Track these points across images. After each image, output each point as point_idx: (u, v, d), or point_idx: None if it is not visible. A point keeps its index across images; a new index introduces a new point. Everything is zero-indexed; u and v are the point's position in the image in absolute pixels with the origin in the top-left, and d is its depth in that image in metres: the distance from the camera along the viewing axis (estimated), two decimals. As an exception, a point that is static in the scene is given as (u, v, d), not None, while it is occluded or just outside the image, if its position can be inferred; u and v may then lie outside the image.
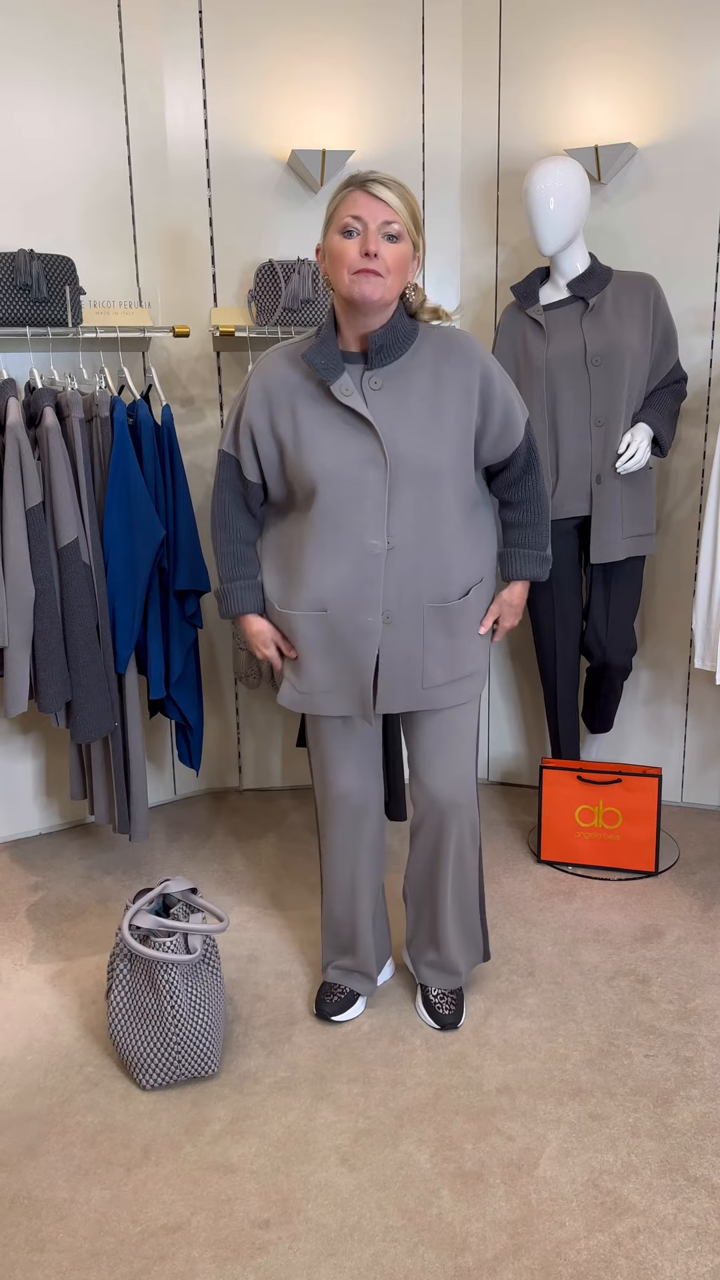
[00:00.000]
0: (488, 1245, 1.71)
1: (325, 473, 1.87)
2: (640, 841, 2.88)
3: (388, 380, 1.87)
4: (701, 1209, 1.77)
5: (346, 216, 1.76)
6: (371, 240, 1.75)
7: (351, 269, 1.77)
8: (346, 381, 1.86)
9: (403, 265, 1.80)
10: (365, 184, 1.75)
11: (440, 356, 1.89)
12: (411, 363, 1.89)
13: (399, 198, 1.76)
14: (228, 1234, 1.74)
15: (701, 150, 2.87)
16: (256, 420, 1.92)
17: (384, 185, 1.75)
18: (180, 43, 2.91)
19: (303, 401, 1.88)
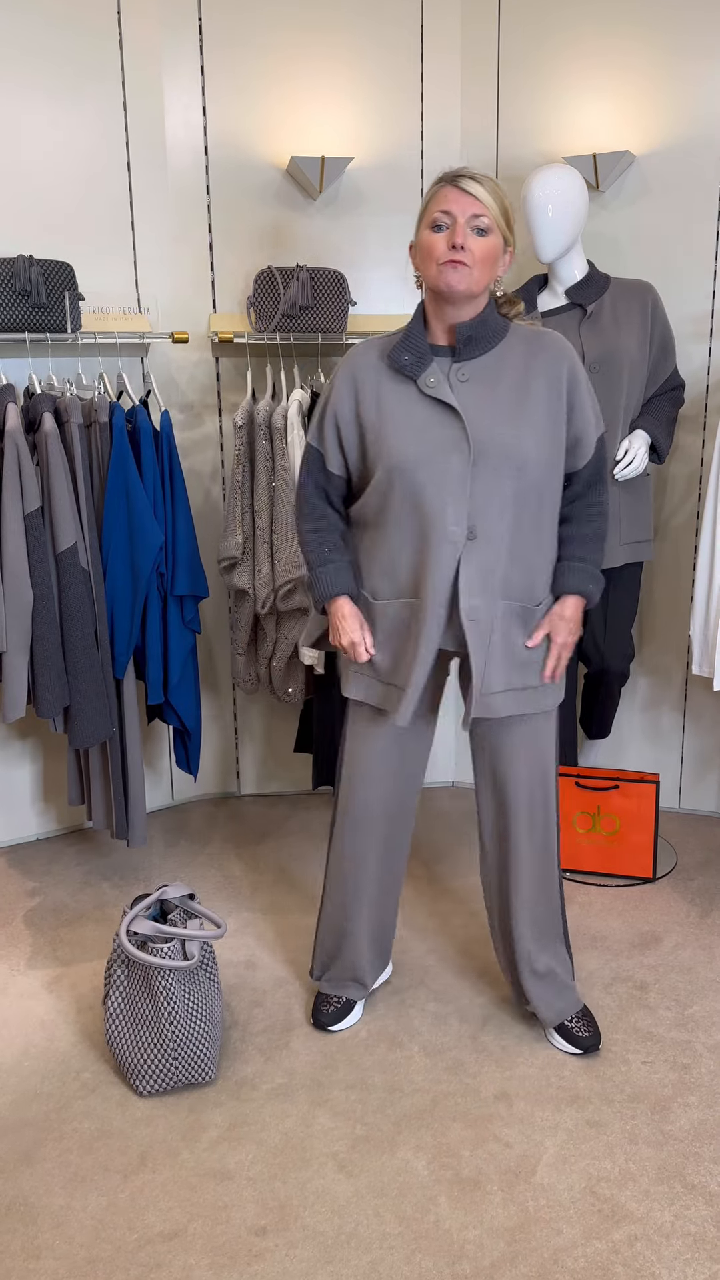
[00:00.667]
0: (485, 1252, 1.71)
1: (406, 458, 1.86)
2: (638, 847, 2.88)
3: (475, 373, 1.87)
4: (699, 1216, 1.77)
5: (436, 211, 1.79)
6: (459, 233, 1.77)
7: (439, 260, 1.79)
8: (434, 373, 1.87)
9: (491, 258, 1.81)
10: (456, 179, 1.78)
11: (531, 352, 1.89)
12: (500, 356, 1.88)
13: (489, 192, 1.78)
14: (224, 1241, 1.74)
15: (699, 158, 2.88)
16: (342, 409, 1.94)
17: (474, 180, 1.78)
18: (180, 49, 2.92)
19: (388, 388, 1.90)
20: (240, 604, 2.97)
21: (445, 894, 2.85)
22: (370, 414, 1.91)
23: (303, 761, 3.52)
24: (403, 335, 1.90)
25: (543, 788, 2.10)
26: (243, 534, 2.89)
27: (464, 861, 3.04)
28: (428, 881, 2.92)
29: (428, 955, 2.55)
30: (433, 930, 2.67)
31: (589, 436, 1.95)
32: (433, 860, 3.05)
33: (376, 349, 1.94)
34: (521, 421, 1.85)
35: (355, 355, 1.95)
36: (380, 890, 2.22)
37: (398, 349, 1.88)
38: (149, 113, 2.93)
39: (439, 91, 3.09)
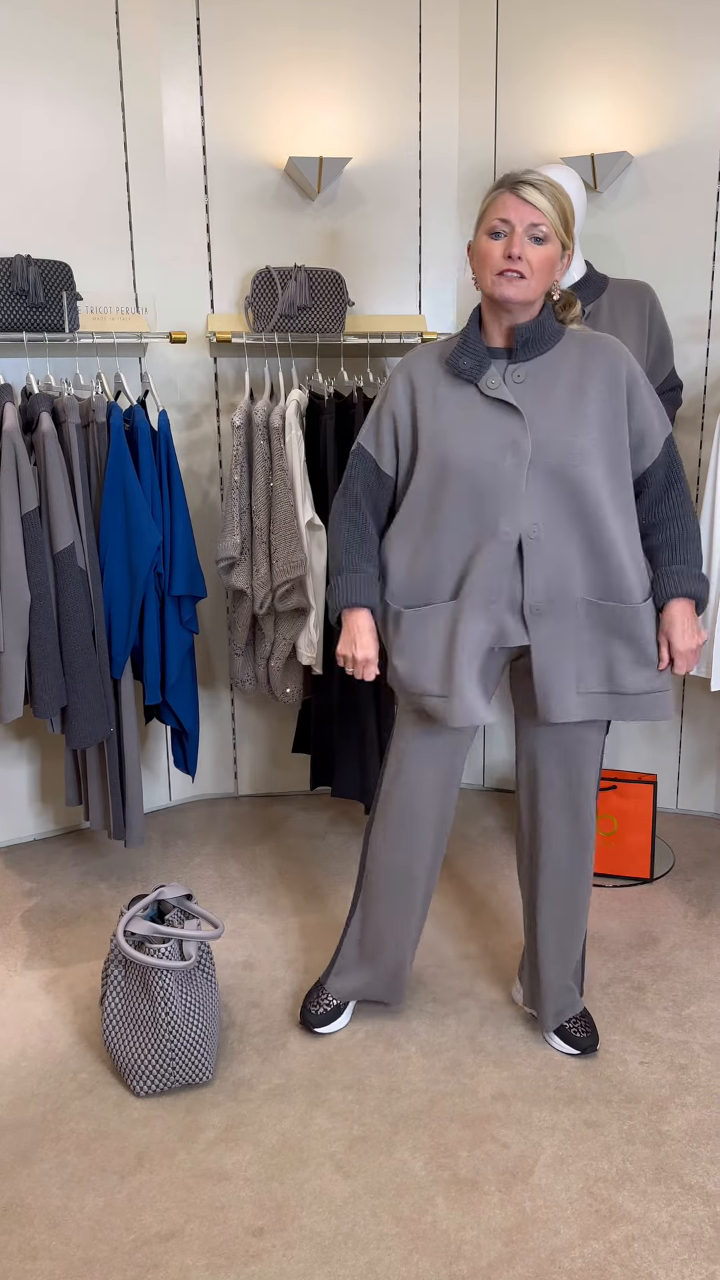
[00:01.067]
0: (482, 1253, 1.70)
1: (461, 457, 1.85)
2: (635, 848, 2.88)
3: (531, 373, 1.87)
4: (696, 1216, 1.77)
5: (494, 219, 1.79)
6: (516, 243, 1.77)
7: (495, 269, 1.80)
8: (493, 375, 1.87)
9: (548, 266, 1.81)
10: (515, 186, 1.77)
11: (587, 354, 1.88)
12: (556, 358, 1.88)
13: (548, 199, 1.77)
14: (222, 1242, 1.74)
15: (697, 159, 2.88)
16: (400, 409, 1.94)
17: (533, 188, 1.76)
18: (178, 49, 2.92)
19: (445, 390, 1.90)
20: (238, 604, 2.97)
21: (443, 894, 2.85)
22: (427, 415, 1.90)
23: (300, 762, 3.52)
24: (460, 340, 1.89)
25: (586, 796, 2.07)
26: (240, 534, 2.89)
27: (462, 862, 3.04)
28: (425, 882, 2.92)
29: (425, 956, 2.55)
30: (430, 930, 2.67)
31: (654, 433, 1.92)
32: (430, 861, 3.05)
33: (435, 353, 1.95)
34: (579, 421, 1.84)
35: (412, 358, 1.96)
36: (425, 900, 2.19)
37: (456, 353, 1.88)
38: (147, 112, 2.93)
39: (437, 92, 3.09)
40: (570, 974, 2.19)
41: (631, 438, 1.91)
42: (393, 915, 2.17)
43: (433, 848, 2.14)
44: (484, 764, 3.54)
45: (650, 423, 1.91)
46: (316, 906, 2.80)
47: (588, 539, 1.88)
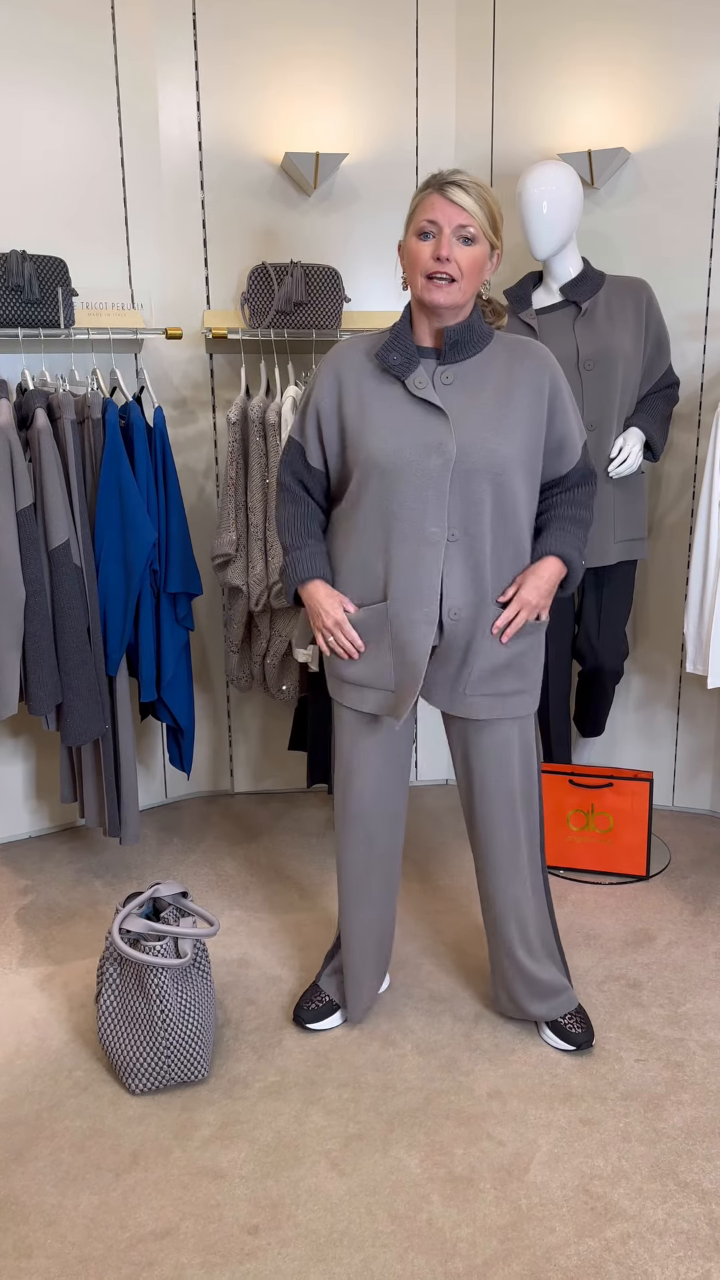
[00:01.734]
0: (478, 1250, 1.70)
1: (386, 456, 1.86)
2: (631, 846, 2.88)
3: (459, 376, 1.88)
4: (692, 1214, 1.77)
5: (423, 220, 1.79)
6: (445, 245, 1.77)
7: (424, 272, 1.80)
8: (421, 375, 1.88)
9: (477, 267, 1.82)
10: (442, 187, 1.77)
11: (514, 358, 1.91)
12: (485, 361, 1.90)
13: (476, 200, 1.78)
14: (217, 1240, 1.73)
15: (694, 155, 2.87)
16: (324, 403, 1.94)
17: (461, 188, 1.76)
18: (174, 45, 2.91)
19: (371, 386, 1.90)
20: (234, 601, 2.96)
21: (437, 892, 2.85)
22: (352, 411, 1.91)
23: (296, 759, 3.51)
24: (391, 335, 1.90)
25: (525, 793, 2.09)
26: (236, 531, 2.88)
27: (455, 859, 3.03)
28: (419, 880, 2.92)
29: (420, 954, 2.55)
30: (425, 928, 2.67)
31: (573, 441, 1.97)
32: (424, 858, 3.04)
33: (363, 347, 1.94)
34: (503, 426, 1.87)
35: (340, 351, 1.96)
36: (381, 894, 2.21)
37: (386, 348, 1.89)
38: (143, 108, 2.92)
39: (434, 88, 3.08)
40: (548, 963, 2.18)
41: (550, 443, 1.95)
42: (359, 912, 2.19)
43: (382, 838, 2.15)
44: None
45: (570, 429, 1.96)
46: (312, 904, 2.79)
47: (503, 543, 1.92)
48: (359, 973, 2.23)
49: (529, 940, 2.16)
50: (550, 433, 1.94)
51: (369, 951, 2.23)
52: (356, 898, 2.19)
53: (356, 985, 2.23)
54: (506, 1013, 2.25)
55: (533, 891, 2.15)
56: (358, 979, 2.23)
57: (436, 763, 3.57)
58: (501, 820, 2.08)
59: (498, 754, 2.05)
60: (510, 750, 2.05)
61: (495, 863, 2.11)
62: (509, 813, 2.08)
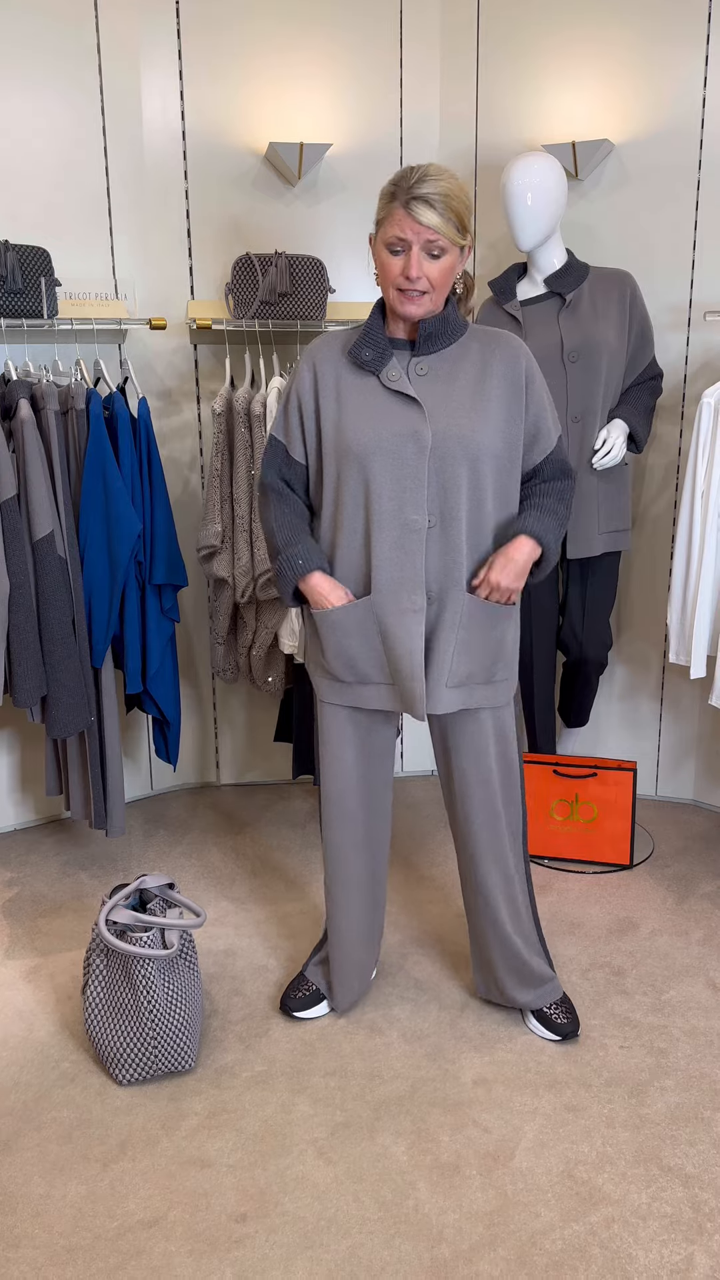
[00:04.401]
0: (464, 1236, 1.72)
1: (364, 446, 1.88)
2: (615, 835, 2.90)
3: (434, 367, 1.90)
4: (675, 1198, 1.79)
5: (391, 234, 1.79)
6: (414, 265, 1.79)
7: (396, 286, 1.83)
8: (394, 367, 1.89)
9: (448, 276, 1.83)
10: (408, 203, 1.76)
11: (488, 350, 1.92)
12: (459, 352, 1.92)
13: (442, 215, 1.76)
14: (205, 1228, 1.74)
15: (678, 147, 2.88)
16: (304, 398, 1.95)
17: (426, 205, 1.75)
18: (157, 33, 2.89)
19: (348, 380, 1.92)
20: (219, 593, 2.96)
21: (423, 881, 2.86)
22: (330, 404, 1.93)
23: (282, 751, 3.51)
24: (363, 331, 1.92)
25: (504, 782, 2.10)
26: (222, 523, 2.88)
27: (440, 849, 3.05)
28: (405, 869, 2.93)
29: (406, 943, 2.56)
30: (411, 918, 2.68)
31: (547, 429, 1.98)
32: (410, 849, 3.06)
33: (339, 342, 1.97)
34: (478, 415, 1.89)
35: (317, 347, 1.98)
36: (368, 885, 2.22)
37: (359, 344, 1.91)
38: (126, 98, 2.90)
39: (418, 78, 3.08)
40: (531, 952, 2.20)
41: (525, 435, 1.96)
42: (346, 899, 2.20)
43: (365, 830, 2.16)
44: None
45: (544, 417, 1.97)
46: (298, 895, 2.80)
47: (477, 532, 1.94)
48: (346, 963, 2.24)
49: (519, 927, 2.17)
50: (525, 422, 1.95)
51: (356, 942, 2.24)
52: (344, 889, 2.19)
53: (343, 975, 2.24)
54: (492, 999, 2.27)
55: (516, 880, 2.16)
56: (345, 969, 2.24)
57: (420, 754, 3.58)
58: (481, 810, 2.09)
59: (474, 744, 2.06)
60: (486, 740, 2.06)
61: (478, 853, 2.12)
62: (489, 802, 2.09)
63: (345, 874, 2.18)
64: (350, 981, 2.25)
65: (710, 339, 2.97)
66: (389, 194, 1.80)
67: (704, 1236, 1.71)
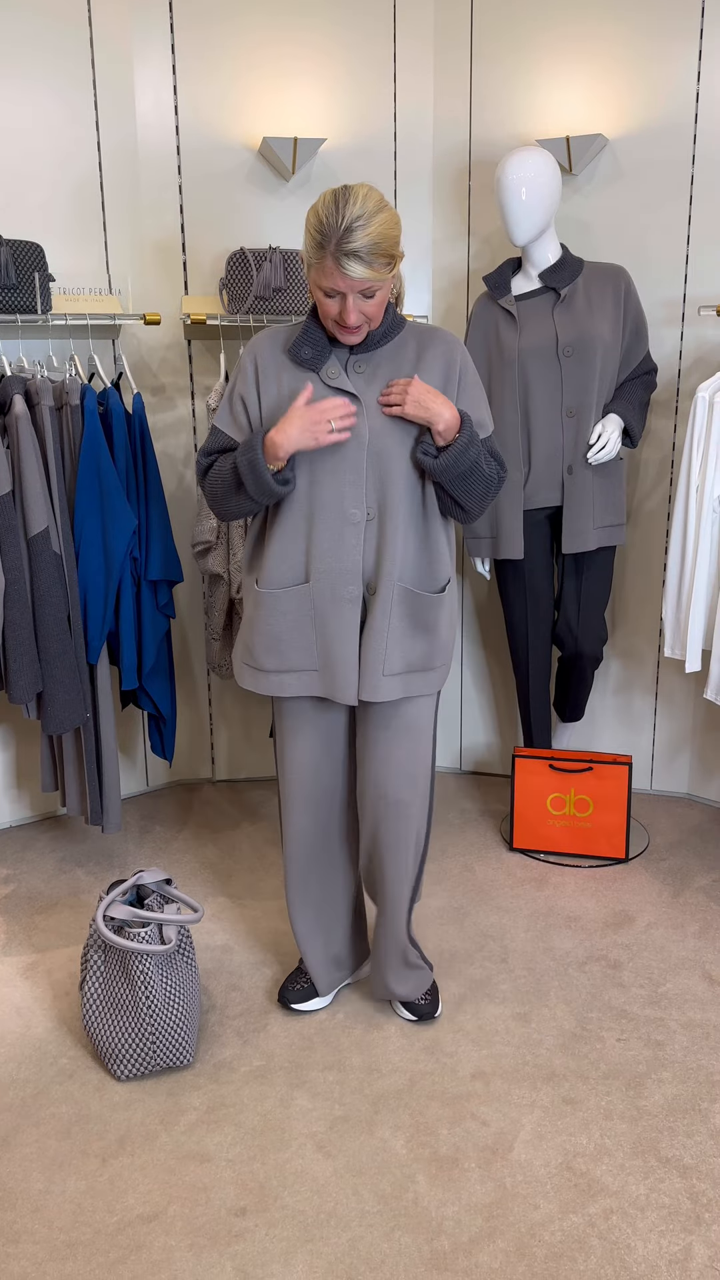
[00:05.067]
0: (463, 1228, 1.72)
1: None
2: (611, 829, 2.90)
3: (371, 363, 1.94)
4: (673, 1189, 1.80)
5: (325, 284, 1.80)
6: (350, 313, 1.81)
7: (334, 321, 1.86)
8: (334, 364, 1.92)
9: (383, 303, 1.86)
10: (339, 258, 1.75)
11: (423, 344, 1.95)
12: (396, 348, 1.95)
13: (369, 264, 1.76)
14: (204, 1222, 1.75)
15: (671, 142, 2.88)
16: (247, 393, 1.96)
17: (355, 259, 1.75)
18: (150, 28, 2.88)
19: (288, 376, 1.94)
20: (214, 588, 2.96)
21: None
22: (271, 398, 1.94)
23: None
24: (302, 330, 1.94)
25: (423, 776, 2.11)
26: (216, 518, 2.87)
27: (439, 844, 3.05)
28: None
29: (404, 937, 2.57)
30: (408, 912, 2.68)
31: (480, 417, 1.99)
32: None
33: (281, 339, 1.98)
34: None
35: (258, 342, 1.98)
36: (330, 879, 2.22)
37: (298, 343, 1.93)
38: (119, 93, 2.89)
39: (412, 73, 3.07)
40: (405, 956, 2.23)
41: None
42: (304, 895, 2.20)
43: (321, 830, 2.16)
44: (461, 747, 3.55)
45: (477, 407, 1.99)
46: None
47: (413, 525, 1.96)
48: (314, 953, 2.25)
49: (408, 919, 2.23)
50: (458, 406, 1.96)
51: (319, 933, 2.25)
52: (302, 882, 2.20)
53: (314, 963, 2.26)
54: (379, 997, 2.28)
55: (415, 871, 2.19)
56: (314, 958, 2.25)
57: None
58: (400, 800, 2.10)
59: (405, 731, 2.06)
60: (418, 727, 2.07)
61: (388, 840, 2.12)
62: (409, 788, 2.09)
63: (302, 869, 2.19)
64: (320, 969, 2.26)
65: (704, 334, 2.98)
66: (317, 242, 1.77)
67: (702, 1227, 1.72)
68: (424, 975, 2.26)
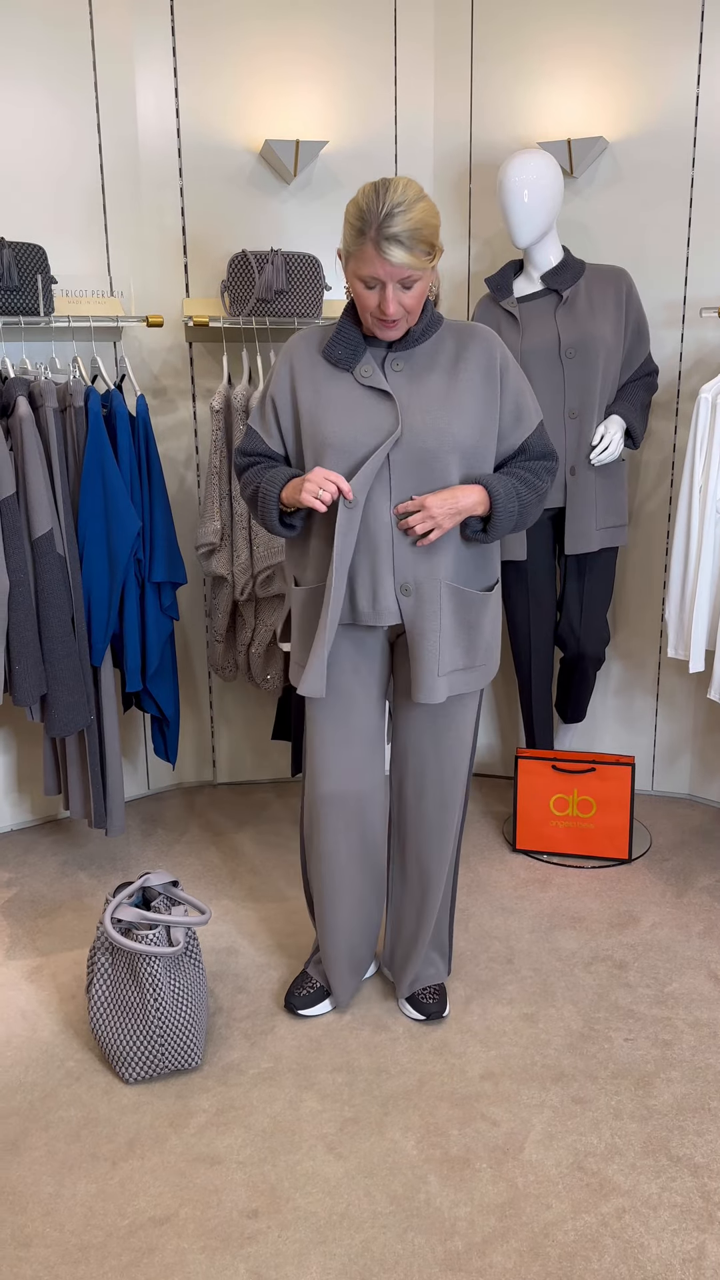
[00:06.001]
0: (476, 1229, 1.72)
1: (340, 440, 1.89)
2: (614, 829, 2.91)
3: (409, 362, 1.92)
4: (685, 1188, 1.80)
5: (364, 272, 1.79)
6: (390, 303, 1.80)
7: (373, 315, 1.84)
8: (368, 363, 1.91)
9: (422, 297, 1.85)
10: (379, 243, 1.74)
11: (462, 343, 1.94)
12: (434, 346, 1.94)
13: (411, 250, 1.75)
14: (216, 1224, 1.74)
15: (672, 144, 2.90)
16: (280, 394, 1.97)
17: (397, 244, 1.74)
18: (152, 30, 2.88)
19: (323, 375, 1.94)
20: (218, 591, 2.95)
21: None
22: (307, 398, 1.94)
23: (279, 748, 3.51)
24: (336, 329, 1.94)
25: (462, 775, 2.13)
26: (220, 520, 2.87)
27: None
28: (407, 866, 2.93)
29: (409, 939, 2.56)
30: (413, 914, 2.68)
31: (528, 409, 1.98)
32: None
33: (316, 339, 1.98)
34: (451, 404, 1.90)
35: (294, 344, 1.99)
36: (365, 883, 2.21)
37: (332, 343, 1.93)
38: (121, 95, 2.89)
39: (413, 76, 3.08)
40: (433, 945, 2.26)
41: (505, 418, 1.97)
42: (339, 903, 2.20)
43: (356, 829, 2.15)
44: (462, 749, 3.55)
45: (525, 399, 1.97)
46: (298, 892, 2.80)
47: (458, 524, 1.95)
48: (339, 963, 2.24)
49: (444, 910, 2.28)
50: (504, 403, 1.95)
51: (349, 942, 2.23)
52: (336, 889, 2.18)
53: (338, 974, 2.25)
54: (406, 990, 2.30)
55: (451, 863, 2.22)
56: (339, 969, 2.24)
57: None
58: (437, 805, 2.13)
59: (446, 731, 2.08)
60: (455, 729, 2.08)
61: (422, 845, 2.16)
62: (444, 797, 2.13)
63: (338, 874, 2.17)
64: (344, 980, 2.25)
65: (705, 335, 2.99)
66: (357, 229, 1.76)
67: (715, 1225, 1.72)
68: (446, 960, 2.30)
